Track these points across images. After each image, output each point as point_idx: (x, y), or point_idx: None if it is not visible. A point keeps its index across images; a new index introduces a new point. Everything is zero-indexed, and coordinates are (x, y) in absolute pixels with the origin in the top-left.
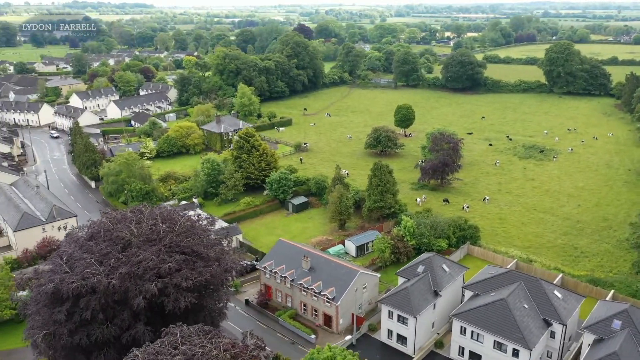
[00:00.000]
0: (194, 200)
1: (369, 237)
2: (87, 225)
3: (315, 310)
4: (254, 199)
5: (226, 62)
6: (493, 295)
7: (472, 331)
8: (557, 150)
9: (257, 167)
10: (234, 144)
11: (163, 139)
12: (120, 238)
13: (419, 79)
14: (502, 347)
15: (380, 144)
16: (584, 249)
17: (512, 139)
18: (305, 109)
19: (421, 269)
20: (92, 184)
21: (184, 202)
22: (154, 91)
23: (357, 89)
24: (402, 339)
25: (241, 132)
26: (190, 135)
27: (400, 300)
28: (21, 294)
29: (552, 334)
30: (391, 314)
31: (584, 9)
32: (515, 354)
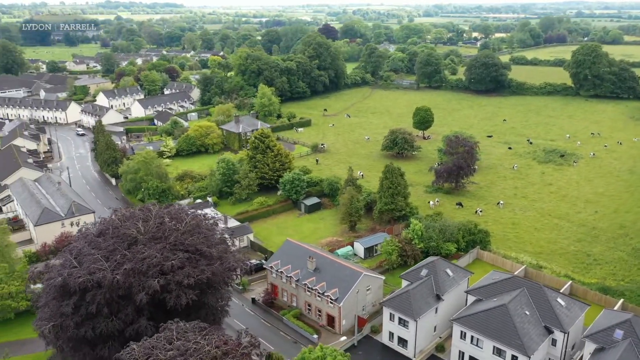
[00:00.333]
0: (208, 199)
1: (377, 239)
2: (98, 222)
3: (319, 311)
4: (267, 199)
5: (248, 63)
6: (495, 300)
7: (472, 336)
8: (579, 154)
9: (272, 168)
10: (249, 144)
11: (183, 138)
12: (127, 235)
13: (442, 80)
14: (501, 353)
15: (397, 146)
16: (597, 257)
17: (532, 143)
18: (325, 109)
19: (424, 272)
20: (113, 181)
21: (199, 201)
22: (177, 90)
23: (379, 90)
24: (402, 341)
25: (256, 132)
26: (209, 134)
27: (402, 303)
28: (36, 286)
29: (554, 342)
30: (392, 317)
31: (619, 8)
32: None
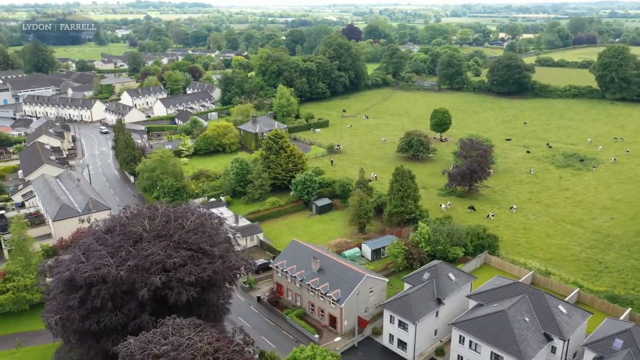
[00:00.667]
0: (222, 198)
1: (385, 241)
2: (107, 219)
3: (321, 311)
4: (279, 199)
5: (268, 63)
6: (495, 306)
7: (470, 341)
8: (599, 159)
9: (285, 168)
10: (263, 145)
11: (201, 138)
12: (133, 232)
13: (464, 82)
14: (498, 358)
15: (412, 148)
16: (608, 264)
17: (551, 147)
18: (344, 110)
19: (426, 276)
20: (132, 178)
21: (212, 200)
22: (199, 90)
23: (399, 91)
24: (402, 344)
25: (270, 133)
26: (227, 134)
27: (402, 306)
28: (49, 280)
29: (554, 349)
30: (392, 319)
31: None
32: None
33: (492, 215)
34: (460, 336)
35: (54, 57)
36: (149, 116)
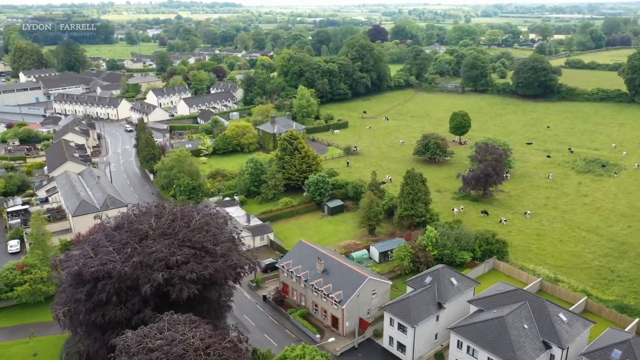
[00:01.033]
0: (236, 197)
1: (394, 244)
2: (117, 216)
3: (324, 311)
4: (292, 200)
5: (290, 64)
6: (494, 312)
7: (468, 346)
8: (622, 165)
9: (299, 169)
10: (278, 145)
11: (220, 137)
12: (139, 230)
13: (488, 84)
14: None
15: (429, 151)
16: (621, 273)
17: (573, 152)
18: (364, 112)
19: (428, 280)
20: (151, 176)
21: (227, 199)
22: (222, 90)
23: (422, 93)
24: (401, 346)
25: (285, 134)
26: (245, 134)
27: (401, 309)
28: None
29: (552, 358)
30: (392, 322)
31: None
32: None
33: (505, 220)
34: (458, 341)
35: (86, 56)
36: (172, 115)
